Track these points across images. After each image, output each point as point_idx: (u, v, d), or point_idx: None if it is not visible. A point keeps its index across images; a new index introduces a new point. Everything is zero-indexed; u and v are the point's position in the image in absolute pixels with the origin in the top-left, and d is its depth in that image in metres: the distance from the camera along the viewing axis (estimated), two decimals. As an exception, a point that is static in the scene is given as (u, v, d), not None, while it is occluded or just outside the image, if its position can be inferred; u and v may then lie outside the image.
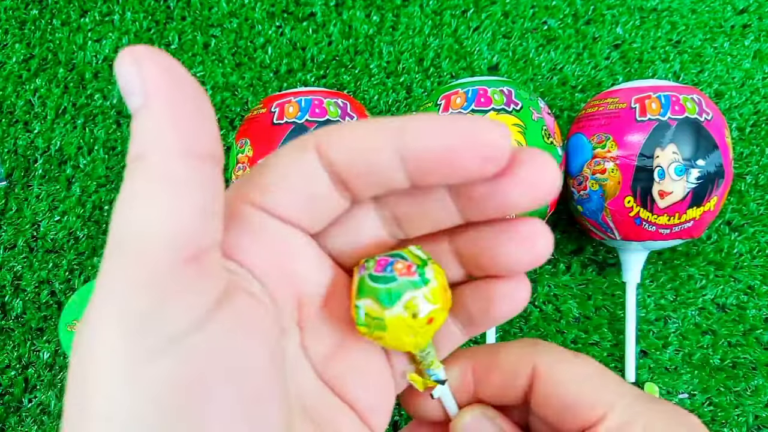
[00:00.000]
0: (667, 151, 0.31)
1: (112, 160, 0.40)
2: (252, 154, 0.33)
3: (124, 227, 0.12)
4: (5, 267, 0.38)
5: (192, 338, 0.12)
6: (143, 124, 0.13)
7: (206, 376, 0.13)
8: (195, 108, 0.13)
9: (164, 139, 0.13)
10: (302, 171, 0.16)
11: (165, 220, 0.12)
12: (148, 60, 0.13)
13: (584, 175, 0.33)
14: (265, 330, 0.15)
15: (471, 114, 0.31)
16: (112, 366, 0.12)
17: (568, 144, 0.35)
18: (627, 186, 0.32)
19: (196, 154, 0.13)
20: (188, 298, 0.12)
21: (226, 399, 0.13)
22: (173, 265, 0.12)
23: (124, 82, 0.13)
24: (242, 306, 0.14)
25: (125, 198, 0.13)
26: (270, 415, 0.14)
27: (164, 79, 0.13)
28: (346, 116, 0.33)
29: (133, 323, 0.12)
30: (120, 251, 0.12)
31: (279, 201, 0.16)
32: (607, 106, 0.33)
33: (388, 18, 0.43)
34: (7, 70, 0.42)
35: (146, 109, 0.13)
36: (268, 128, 0.32)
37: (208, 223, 0.13)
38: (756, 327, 0.37)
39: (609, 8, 0.43)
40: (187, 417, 0.12)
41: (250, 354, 0.14)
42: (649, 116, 0.31)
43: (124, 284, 0.12)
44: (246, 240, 0.15)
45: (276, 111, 0.33)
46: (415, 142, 0.14)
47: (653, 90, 0.32)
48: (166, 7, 0.43)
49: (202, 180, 0.13)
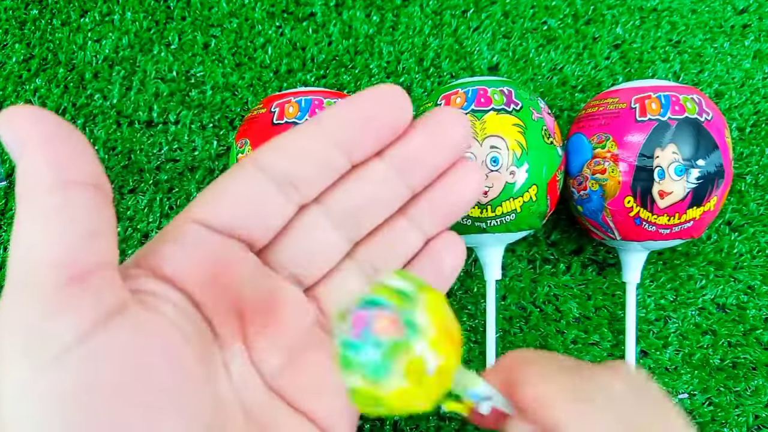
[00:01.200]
0: (667, 151, 0.31)
1: (112, 160, 0.40)
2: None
3: (14, 256, 0.14)
4: (5, 267, 0.38)
5: (78, 351, 0.13)
6: (23, 169, 0.14)
7: (96, 386, 0.14)
8: (68, 145, 0.14)
9: (38, 175, 0.14)
10: (243, 182, 0.17)
11: (45, 246, 0.14)
12: (19, 117, 0.14)
13: (584, 175, 0.33)
14: (168, 340, 0.15)
15: (470, 114, 0.31)
16: (10, 376, 0.13)
17: (568, 144, 0.35)
18: (627, 186, 0.32)
19: (72, 184, 0.14)
20: (71, 314, 0.14)
21: (120, 407, 0.14)
22: (57, 284, 0.13)
23: (6, 141, 0.14)
24: (139, 319, 0.15)
25: (14, 231, 0.14)
26: (173, 420, 0.14)
27: (35, 127, 0.14)
28: None
29: (23, 336, 0.13)
30: (14, 276, 0.14)
31: (220, 214, 0.17)
32: (607, 106, 0.33)
33: (388, 18, 0.43)
34: (7, 70, 0.42)
35: (23, 156, 0.14)
36: (268, 128, 0.32)
37: (91, 245, 0.14)
38: (756, 327, 0.37)
39: (609, 8, 0.43)
40: (83, 424, 0.13)
41: (146, 363, 0.14)
42: (649, 116, 0.31)
43: (16, 303, 0.13)
44: (178, 253, 0.16)
45: (276, 111, 0.33)
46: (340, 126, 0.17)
47: (653, 90, 0.32)
48: (166, 7, 0.43)
49: (81, 206, 0.14)
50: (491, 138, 0.31)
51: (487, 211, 0.31)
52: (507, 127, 0.31)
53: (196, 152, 0.40)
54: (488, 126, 0.31)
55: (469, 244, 0.35)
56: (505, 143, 0.31)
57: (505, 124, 0.31)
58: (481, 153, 0.31)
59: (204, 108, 0.41)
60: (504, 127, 0.31)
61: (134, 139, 0.41)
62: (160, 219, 0.39)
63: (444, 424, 0.34)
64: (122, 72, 0.42)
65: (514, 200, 0.31)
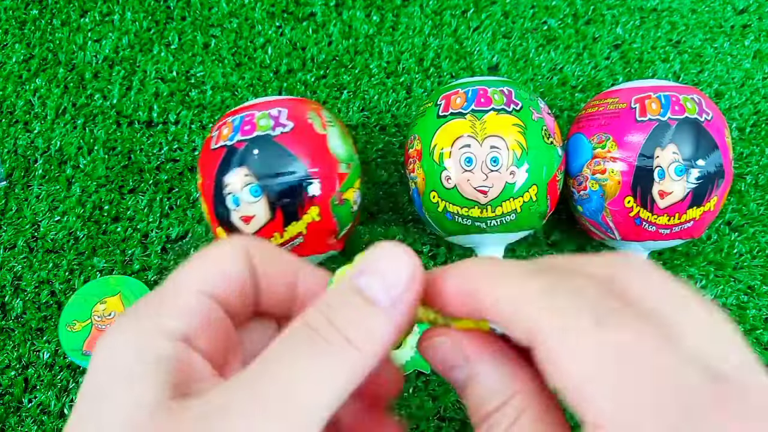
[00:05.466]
0: (667, 151, 0.31)
1: (112, 160, 0.40)
2: (201, 181, 0.32)
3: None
4: (5, 267, 0.38)
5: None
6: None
7: None
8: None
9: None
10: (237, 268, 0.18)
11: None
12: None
13: (584, 175, 0.33)
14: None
15: (470, 114, 0.31)
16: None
17: (568, 144, 0.35)
18: (627, 186, 0.32)
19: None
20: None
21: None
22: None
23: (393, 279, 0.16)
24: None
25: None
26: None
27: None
28: (277, 127, 0.31)
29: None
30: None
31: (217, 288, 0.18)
32: (607, 106, 0.33)
33: (388, 18, 0.43)
34: (7, 70, 0.42)
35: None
36: (208, 154, 0.32)
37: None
38: (756, 327, 0.37)
39: (609, 8, 0.43)
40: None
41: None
42: (650, 116, 0.31)
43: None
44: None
45: (215, 135, 0.32)
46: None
47: (653, 90, 0.32)
48: (166, 7, 0.43)
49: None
50: (491, 138, 0.31)
51: (487, 211, 0.31)
52: (507, 127, 0.31)
53: (196, 152, 0.40)
54: (488, 126, 0.31)
55: (469, 244, 0.35)
56: (505, 143, 0.31)
57: (505, 124, 0.31)
58: (481, 153, 0.31)
59: (204, 108, 0.41)
60: (504, 127, 0.31)
61: (134, 139, 0.40)
62: (160, 219, 0.39)
63: (444, 425, 0.34)
64: (122, 72, 0.42)
65: (514, 200, 0.31)
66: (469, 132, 0.31)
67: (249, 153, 0.30)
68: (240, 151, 0.30)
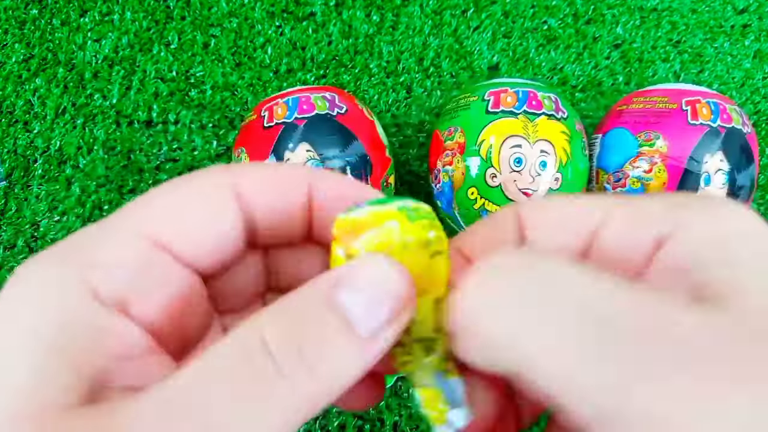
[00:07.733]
0: (715, 159, 0.30)
1: (112, 160, 0.40)
2: (248, 160, 0.33)
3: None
4: (5, 267, 0.38)
5: None
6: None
7: None
8: None
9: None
10: (211, 208, 0.15)
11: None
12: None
13: (624, 171, 0.33)
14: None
15: (522, 115, 0.31)
16: None
17: (605, 137, 0.35)
18: (672, 188, 0.31)
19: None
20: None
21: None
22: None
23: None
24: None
25: None
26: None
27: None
28: (335, 108, 0.32)
29: None
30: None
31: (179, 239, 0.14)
32: (655, 104, 0.33)
33: (388, 18, 0.43)
34: (7, 70, 0.42)
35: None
36: (260, 133, 0.32)
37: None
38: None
39: (609, 8, 0.43)
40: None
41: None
42: (701, 121, 0.31)
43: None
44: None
45: (266, 115, 0.33)
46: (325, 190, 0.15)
47: (702, 95, 0.32)
48: (166, 7, 0.43)
49: None
50: (541, 142, 0.31)
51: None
52: (556, 133, 0.31)
53: (196, 152, 0.40)
54: (540, 129, 0.31)
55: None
56: (554, 149, 0.31)
57: (555, 130, 0.31)
58: (532, 154, 0.31)
59: (204, 108, 0.41)
60: (554, 133, 0.31)
61: (134, 139, 0.40)
62: (159, 219, 0.39)
63: (444, 424, 0.34)
64: (122, 72, 0.42)
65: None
66: (521, 132, 0.31)
67: (311, 130, 0.31)
68: (301, 127, 0.31)
